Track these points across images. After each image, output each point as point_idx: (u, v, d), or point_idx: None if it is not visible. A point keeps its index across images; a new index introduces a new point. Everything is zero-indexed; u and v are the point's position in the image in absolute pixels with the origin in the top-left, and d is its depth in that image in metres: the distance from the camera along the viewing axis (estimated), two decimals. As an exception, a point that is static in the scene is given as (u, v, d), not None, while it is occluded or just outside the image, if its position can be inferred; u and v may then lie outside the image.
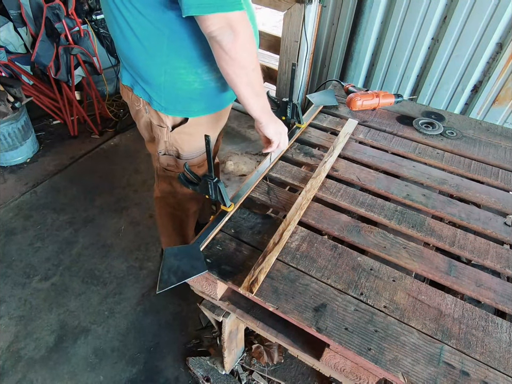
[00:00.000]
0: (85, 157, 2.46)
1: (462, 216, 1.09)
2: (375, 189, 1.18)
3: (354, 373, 0.85)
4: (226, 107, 1.21)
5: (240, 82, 0.93)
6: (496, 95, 1.83)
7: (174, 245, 1.57)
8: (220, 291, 0.97)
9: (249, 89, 0.95)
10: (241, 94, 0.95)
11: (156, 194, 1.43)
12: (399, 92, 2.12)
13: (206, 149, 0.89)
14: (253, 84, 0.95)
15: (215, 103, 1.14)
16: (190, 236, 1.57)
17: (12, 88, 2.16)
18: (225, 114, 1.27)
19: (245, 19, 0.83)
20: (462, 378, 0.73)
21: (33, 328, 1.56)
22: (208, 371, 1.39)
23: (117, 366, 1.46)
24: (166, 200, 1.41)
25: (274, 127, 1.08)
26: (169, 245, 1.62)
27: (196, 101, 1.08)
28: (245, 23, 0.84)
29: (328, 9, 2.14)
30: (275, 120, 1.09)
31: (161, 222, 1.53)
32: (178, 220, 1.48)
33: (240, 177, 2.39)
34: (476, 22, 1.70)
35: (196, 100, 1.08)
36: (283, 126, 1.12)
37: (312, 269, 0.92)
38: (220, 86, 1.08)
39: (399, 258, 0.96)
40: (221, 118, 1.24)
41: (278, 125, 1.09)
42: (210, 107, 1.14)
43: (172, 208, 1.44)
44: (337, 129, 1.43)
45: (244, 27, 0.83)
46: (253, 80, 0.94)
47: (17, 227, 1.98)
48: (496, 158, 1.33)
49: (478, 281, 0.91)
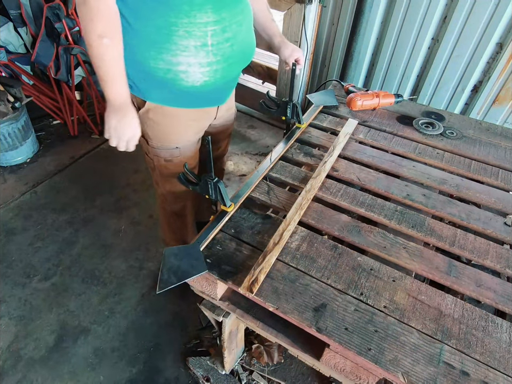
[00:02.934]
0: (85, 157, 2.46)
1: (462, 216, 1.09)
2: (375, 189, 1.18)
3: (354, 373, 0.85)
4: (203, 108, 1.15)
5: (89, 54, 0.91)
6: (496, 95, 1.83)
7: (170, 243, 1.59)
8: (220, 291, 0.97)
9: (99, 62, 0.91)
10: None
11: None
12: (399, 91, 2.12)
13: (207, 149, 0.89)
14: (93, 60, 0.91)
15: (185, 98, 1.08)
16: (184, 235, 1.57)
17: (12, 88, 2.16)
18: (205, 117, 1.21)
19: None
20: (462, 378, 0.73)
21: (33, 328, 1.56)
22: (208, 371, 1.39)
23: (117, 366, 1.46)
24: (155, 190, 1.43)
25: (114, 123, 0.99)
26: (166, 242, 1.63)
27: (155, 87, 1.04)
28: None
29: (328, 9, 2.14)
30: (120, 118, 0.99)
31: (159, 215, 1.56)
32: (169, 215, 1.48)
33: (240, 177, 2.39)
34: (476, 22, 1.70)
35: (155, 86, 1.03)
36: (129, 130, 1.01)
37: (312, 269, 0.92)
38: (187, 80, 1.01)
39: (399, 258, 0.96)
40: (200, 119, 1.19)
41: (120, 125, 0.99)
42: (177, 100, 1.08)
43: (159, 200, 1.45)
44: (337, 129, 1.43)
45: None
46: (92, 55, 0.90)
47: (17, 227, 1.98)
48: (496, 158, 1.33)
49: (478, 281, 0.91)
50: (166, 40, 0.92)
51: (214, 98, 1.16)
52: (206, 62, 0.98)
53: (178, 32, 0.92)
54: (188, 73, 0.99)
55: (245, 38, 1.06)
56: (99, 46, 0.89)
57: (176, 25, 0.91)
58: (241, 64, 1.10)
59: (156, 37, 0.92)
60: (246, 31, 1.05)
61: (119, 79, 0.95)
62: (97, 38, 0.87)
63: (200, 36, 0.94)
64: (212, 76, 1.02)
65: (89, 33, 0.87)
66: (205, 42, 0.95)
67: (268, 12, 1.27)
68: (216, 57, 0.99)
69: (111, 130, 1.00)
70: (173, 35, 0.92)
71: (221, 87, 1.10)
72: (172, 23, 0.90)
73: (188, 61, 0.96)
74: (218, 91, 1.11)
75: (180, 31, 0.92)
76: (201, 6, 0.90)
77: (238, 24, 1.00)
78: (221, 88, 1.10)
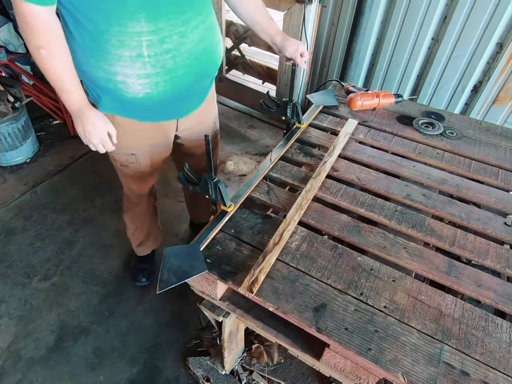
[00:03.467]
0: (85, 157, 2.45)
1: (462, 216, 1.09)
2: (375, 189, 1.18)
3: (354, 373, 0.85)
4: (153, 122, 1.13)
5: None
6: (496, 95, 1.83)
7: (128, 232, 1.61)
8: (220, 291, 0.97)
9: (43, 72, 0.93)
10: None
11: None
12: (399, 91, 2.12)
13: (206, 149, 0.89)
14: (41, 66, 0.91)
15: (131, 109, 1.06)
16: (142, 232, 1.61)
17: (12, 88, 2.16)
18: (159, 130, 1.18)
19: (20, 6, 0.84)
20: (462, 378, 0.73)
21: (33, 328, 1.56)
22: (208, 371, 1.39)
23: (117, 366, 1.46)
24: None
25: (81, 129, 1.00)
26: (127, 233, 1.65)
27: (102, 95, 1.03)
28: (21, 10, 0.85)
29: (328, 9, 2.14)
30: (84, 123, 0.99)
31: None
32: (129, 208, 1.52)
33: (240, 177, 2.39)
34: (476, 22, 1.70)
35: (102, 94, 1.03)
36: (95, 132, 1.01)
37: (312, 269, 0.92)
38: (127, 91, 0.99)
39: (399, 258, 0.96)
40: (152, 132, 1.16)
41: (87, 130, 1.00)
42: (124, 111, 1.07)
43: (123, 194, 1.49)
44: (337, 129, 1.43)
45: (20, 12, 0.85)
46: (39, 62, 0.91)
47: (17, 227, 1.98)
48: (496, 158, 1.33)
49: (478, 281, 0.91)
50: (100, 49, 0.91)
51: (165, 112, 1.12)
52: (144, 74, 0.96)
53: (111, 41, 0.90)
54: (126, 83, 0.97)
55: (194, 50, 1.00)
56: (38, 57, 0.90)
57: (107, 33, 0.89)
58: (192, 77, 1.05)
59: (91, 44, 0.92)
60: (195, 41, 1.00)
61: (67, 86, 0.95)
62: (35, 49, 0.89)
63: (134, 46, 0.91)
64: (153, 88, 0.99)
65: (28, 45, 0.90)
66: (140, 53, 0.92)
67: (264, 10, 1.21)
68: (154, 69, 0.96)
69: (82, 136, 1.02)
70: (106, 43, 0.91)
71: (169, 101, 1.05)
72: (103, 30, 0.89)
73: (125, 71, 0.95)
74: (166, 104, 1.07)
75: (113, 40, 0.90)
76: (133, 14, 0.87)
77: (181, 36, 0.95)
78: (170, 101, 1.06)
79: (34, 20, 0.86)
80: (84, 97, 0.99)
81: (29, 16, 0.85)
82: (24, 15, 0.85)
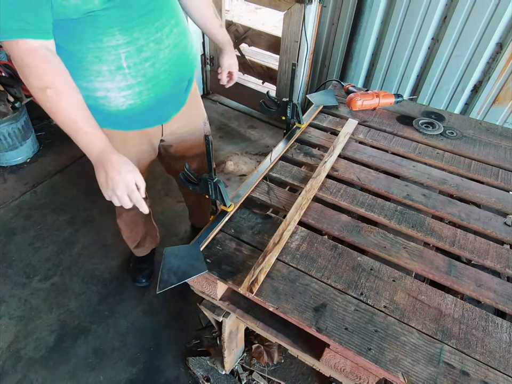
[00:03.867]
0: (85, 157, 2.42)
1: (462, 216, 1.09)
2: (375, 189, 1.18)
3: (354, 373, 0.85)
4: (138, 130, 1.11)
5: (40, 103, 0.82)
6: (496, 95, 1.83)
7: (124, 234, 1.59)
8: (220, 291, 0.97)
9: (53, 117, 0.83)
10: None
11: None
12: (399, 92, 2.12)
13: (206, 149, 0.89)
14: (50, 109, 0.82)
15: (115, 121, 1.04)
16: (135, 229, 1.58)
17: (12, 88, 2.16)
18: (144, 136, 1.16)
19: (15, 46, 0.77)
20: (462, 378, 0.73)
21: (33, 328, 1.56)
22: (208, 371, 1.39)
23: (117, 366, 1.46)
24: None
25: (102, 180, 0.86)
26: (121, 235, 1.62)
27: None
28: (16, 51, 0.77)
29: (328, 9, 2.14)
30: (107, 172, 0.85)
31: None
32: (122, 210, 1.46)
33: (240, 177, 2.39)
34: (476, 22, 1.70)
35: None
36: (121, 181, 0.85)
37: (312, 269, 0.92)
38: (110, 105, 0.97)
39: (399, 258, 0.96)
40: (138, 139, 1.15)
41: (109, 179, 0.85)
42: (108, 123, 1.03)
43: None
44: (337, 129, 1.43)
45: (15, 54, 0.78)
46: (46, 105, 0.81)
47: (17, 227, 1.98)
48: (496, 158, 1.33)
49: (478, 281, 0.91)
50: (76, 67, 0.88)
51: (149, 119, 1.11)
52: (125, 85, 0.94)
53: (87, 58, 0.88)
54: (107, 98, 0.95)
55: (171, 55, 1.00)
56: (44, 100, 0.81)
57: (81, 52, 0.87)
58: (174, 81, 1.06)
59: (67, 63, 0.85)
60: (172, 47, 0.99)
61: (81, 126, 0.84)
62: (39, 92, 0.80)
63: (112, 60, 0.89)
64: (136, 98, 0.98)
65: (31, 90, 0.81)
66: (120, 66, 0.91)
67: (216, 19, 1.25)
68: (136, 79, 0.95)
69: (104, 187, 0.87)
70: (81, 61, 0.88)
71: (152, 108, 1.05)
72: (77, 50, 0.87)
73: (104, 86, 0.93)
74: (150, 112, 1.06)
75: (89, 57, 0.88)
76: (106, 29, 0.85)
77: (157, 42, 0.95)
78: (153, 108, 1.05)
79: (33, 57, 0.78)
80: (104, 139, 0.87)
81: (25, 55, 0.78)
82: (20, 55, 0.78)
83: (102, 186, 0.87)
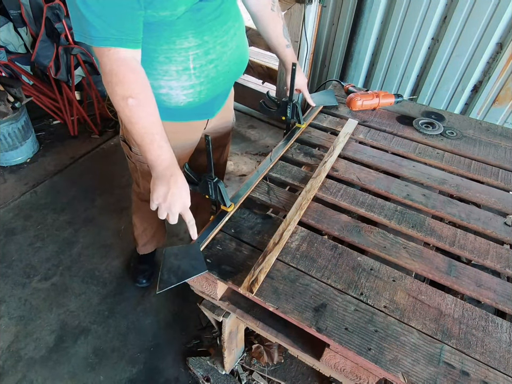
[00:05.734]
0: (85, 157, 2.45)
1: (462, 216, 1.09)
2: (375, 189, 1.18)
3: (354, 373, 0.85)
4: (187, 121, 1.13)
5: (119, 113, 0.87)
6: (496, 95, 1.83)
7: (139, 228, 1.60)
8: (220, 291, 0.97)
9: (130, 126, 0.86)
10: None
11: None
12: (399, 92, 2.12)
13: (206, 149, 0.89)
14: (128, 119, 0.85)
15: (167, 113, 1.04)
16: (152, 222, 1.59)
17: (12, 88, 2.16)
18: (190, 129, 1.19)
19: (106, 54, 0.79)
20: (462, 378, 0.73)
21: (33, 328, 1.56)
22: (208, 371, 1.39)
23: (117, 366, 1.46)
24: (133, 187, 1.46)
25: (163, 192, 0.89)
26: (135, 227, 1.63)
27: None
28: (107, 58, 0.80)
29: (328, 9, 2.14)
30: (170, 188, 0.88)
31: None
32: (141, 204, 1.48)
33: (240, 177, 2.39)
34: (476, 22, 1.70)
35: None
36: (180, 202, 0.90)
37: (312, 269, 0.92)
38: (170, 102, 1.00)
39: (399, 258, 0.96)
40: (184, 132, 1.17)
41: (169, 196, 0.88)
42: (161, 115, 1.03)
43: (135, 195, 1.47)
44: (337, 129, 1.43)
45: (105, 61, 0.80)
46: (125, 114, 0.84)
47: (17, 227, 1.98)
48: (496, 158, 1.33)
49: (478, 281, 0.91)
50: (145, 66, 0.89)
51: (199, 113, 1.14)
52: (189, 85, 0.97)
53: (158, 58, 0.91)
54: (169, 95, 0.98)
55: (232, 57, 1.03)
56: (124, 108, 0.83)
57: (156, 52, 0.90)
58: (229, 81, 1.09)
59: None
60: (234, 48, 1.02)
61: (158, 139, 0.87)
62: (121, 100, 0.82)
63: (181, 61, 0.92)
64: (196, 96, 1.01)
65: (113, 97, 0.84)
66: (187, 67, 0.93)
67: (282, 38, 1.26)
68: (199, 79, 0.97)
69: (160, 199, 0.90)
70: (153, 61, 0.91)
71: (207, 104, 1.08)
72: (152, 49, 0.89)
73: (170, 84, 0.95)
74: (204, 107, 1.10)
75: (160, 57, 0.90)
76: (181, 32, 0.89)
77: (223, 45, 0.98)
78: (208, 104, 1.09)
79: (123, 67, 0.81)
80: (173, 156, 0.91)
81: (115, 63, 0.80)
82: (110, 63, 0.80)
83: (157, 197, 0.90)
